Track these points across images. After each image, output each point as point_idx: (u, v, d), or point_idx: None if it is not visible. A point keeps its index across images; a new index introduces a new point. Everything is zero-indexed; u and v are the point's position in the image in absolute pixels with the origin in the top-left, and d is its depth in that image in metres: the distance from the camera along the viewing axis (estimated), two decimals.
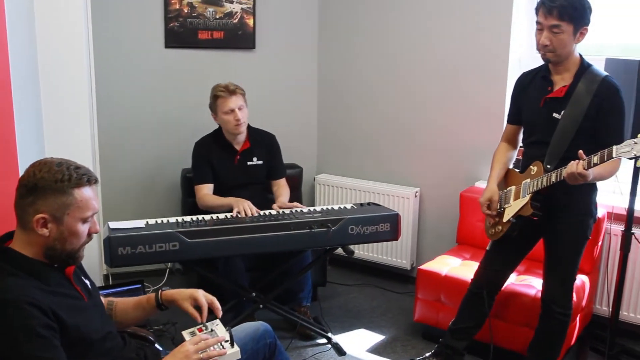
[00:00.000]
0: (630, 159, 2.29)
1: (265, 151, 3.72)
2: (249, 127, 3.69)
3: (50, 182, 1.73)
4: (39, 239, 1.76)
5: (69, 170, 1.76)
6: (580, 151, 2.41)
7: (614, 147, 2.30)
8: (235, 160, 3.65)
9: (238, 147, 3.65)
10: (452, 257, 3.62)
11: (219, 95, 3.54)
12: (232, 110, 3.52)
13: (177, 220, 3.14)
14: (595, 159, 2.36)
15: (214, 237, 3.01)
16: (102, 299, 2.11)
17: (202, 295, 2.06)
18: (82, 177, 1.78)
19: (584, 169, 2.38)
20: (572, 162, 2.42)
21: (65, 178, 1.74)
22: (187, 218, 3.18)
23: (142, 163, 4.26)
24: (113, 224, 3.00)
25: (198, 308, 2.04)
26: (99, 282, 3.48)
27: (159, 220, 3.12)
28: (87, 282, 1.99)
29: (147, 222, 3.09)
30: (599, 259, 3.50)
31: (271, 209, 3.39)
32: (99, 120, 3.62)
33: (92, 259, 3.34)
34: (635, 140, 2.26)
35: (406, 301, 4.01)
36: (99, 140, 3.64)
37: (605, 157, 2.32)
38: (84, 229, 1.81)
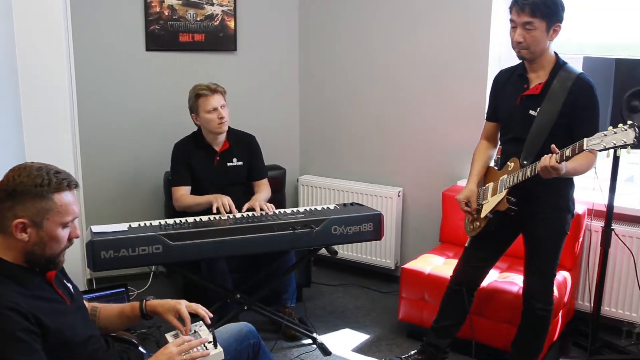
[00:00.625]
0: (600, 150, 2.33)
1: (245, 152, 3.71)
2: (228, 128, 3.67)
3: (30, 187, 1.72)
4: (18, 244, 1.75)
5: (48, 174, 1.75)
6: (553, 145, 2.44)
7: (585, 139, 2.34)
8: (215, 161, 3.64)
9: (217, 148, 3.65)
10: (436, 256, 3.64)
11: (200, 94, 3.53)
12: (215, 109, 3.51)
13: (160, 223, 3.14)
14: (567, 152, 2.39)
15: (197, 240, 3.01)
16: (86, 303, 2.11)
17: (184, 306, 2.07)
18: (62, 181, 1.77)
19: (557, 162, 2.41)
20: (545, 155, 2.45)
21: (44, 183, 1.73)
22: (170, 221, 3.17)
23: (125, 166, 4.25)
24: (95, 228, 2.98)
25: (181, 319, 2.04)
26: (82, 287, 3.47)
27: (142, 223, 3.11)
28: (70, 285, 1.99)
29: (129, 225, 3.08)
30: (580, 255, 3.54)
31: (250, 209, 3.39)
32: (81, 123, 3.62)
33: (75, 263, 3.33)
34: (605, 132, 2.30)
35: (390, 300, 4.02)
36: (81, 144, 3.63)
37: (577, 149, 2.36)
38: (64, 234, 1.80)
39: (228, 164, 3.66)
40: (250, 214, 3.32)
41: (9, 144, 2.83)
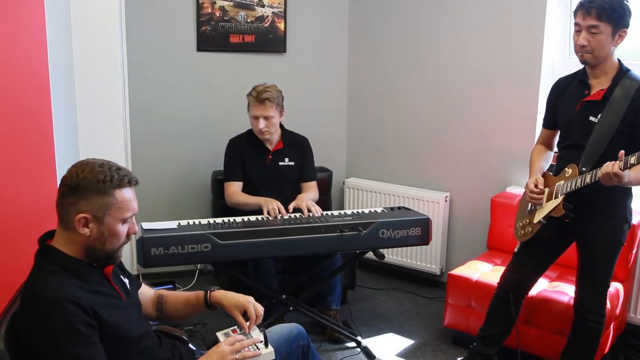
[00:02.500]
0: None
1: (298, 153, 3.74)
2: (283, 129, 3.72)
3: (93, 183, 1.75)
4: (79, 238, 1.78)
5: (110, 171, 1.79)
6: (622, 151, 2.38)
7: None
8: (268, 159, 3.67)
9: (271, 147, 3.68)
10: (483, 263, 3.60)
11: (249, 100, 3.58)
12: (257, 118, 3.54)
13: (208, 221, 3.16)
14: (632, 159, 2.32)
15: (245, 239, 3.03)
16: (152, 291, 2.16)
17: (252, 306, 2.08)
18: (124, 178, 1.80)
19: (620, 169, 2.35)
20: (608, 162, 2.39)
21: (107, 179, 1.77)
22: (219, 220, 3.19)
23: (174, 165, 4.31)
24: (146, 225, 3.03)
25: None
26: None
27: (191, 222, 3.14)
28: (126, 280, 2.02)
29: (179, 223, 3.11)
30: (633, 267, 3.45)
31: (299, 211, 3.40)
32: (132, 122, 3.67)
33: (125, 259, 3.34)
34: None
35: (435, 306, 3.99)
36: (132, 143, 3.68)
37: None
38: (123, 229, 1.83)
39: (280, 163, 3.68)
40: (298, 215, 3.32)
41: (64, 143, 2.89)
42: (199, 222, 3.16)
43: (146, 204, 4.02)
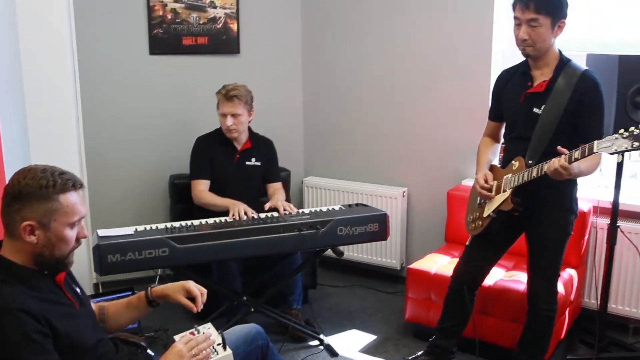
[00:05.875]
0: (612, 154, 2.31)
1: (264, 154, 3.77)
2: (250, 130, 3.75)
3: (35, 189, 1.73)
4: (27, 246, 1.76)
5: (53, 176, 1.76)
6: (559, 147, 2.44)
7: (595, 142, 2.33)
8: (235, 158, 3.68)
9: (239, 147, 3.69)
10: (441, 255, 3.64)
11: (218, 98, 3.60)
12: (225, 115, 3.55)
13: (166, 226, 3.14)
14: (576, 154, 2.38)
15: (203, 242, 3.02)
16: (93, 305, 2.11)
17: (193, 285, 2.09)
18: (67, 182, 1.78)
19: (566, 162, 2.41)
20: (553, 159, 2.44)
21: (50, 184, 1.74)
22: (177, 224, 3.18)
23: (130, 170, 4.26)
24: (102, 232, 2.99)
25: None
26: (89, 291, 3.48)
27: (148, 227, 3.12)
28: (78, 289, 2.00)
29: (136, 229, 3.08)
30: (586, 253, 3.54)
31: (263, 211, 3.41)
32: (85, 127, 3.62)
33: (82, 268, 3.34)
34: (616, 135, 2.29)
35: (397, 301, 4.02)
36: (85, 149, 3.64)
37: (587, 152, 2.35)
38: (72, 234, 1.81)
39: (247, 163, 3.70)
40: (256, 215, 3.32)
41: (15, 149, 2.84)
42: (157, 227, 3.14)
43: (102, 210, 4.01)
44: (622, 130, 2.29)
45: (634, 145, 2.25)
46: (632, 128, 2.27)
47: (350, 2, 4.31)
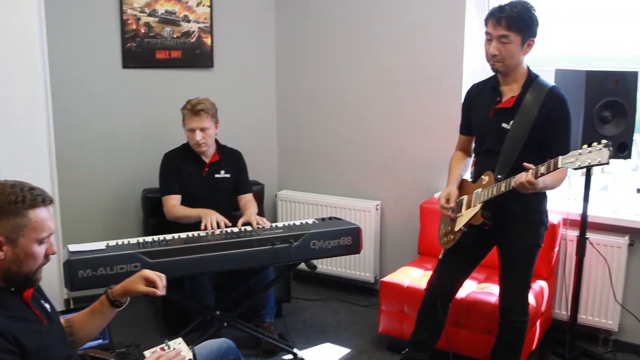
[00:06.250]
0: (575, 169, 2.36)
1: (233, 165, 3.76)
2: (218, 142, 3.74)
3: (4, 204, 1.71)
4: None
5: (22, 191, 1.75)
6: (525, 163, 2.48)
7: (560, 157, 2.37)
8: (204, 172, 3.67)
9: (207, 160, 3.68)
10: (414, 268, 3.67)
11: (184, 113, 3.58)
12: (193, 130, 3.54)
13: (138, 240, 3.12)
14: (542, 169, 2.43)
15: (175, 257, 3.00)
16: (62, 320, 2.09)
17: (150, 272, 2.08)
18: (37, 197, 1.77)
19: (533, 177, 2.45)
20: (520, 173, 2.48)
21: (19, 199, 1.73)
22: (149, 238, 3.16)
23: (102, 184, 4.22)
24: (73, 247, 2.97)
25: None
26: (60, 307, 3.43)
27: (120, 242, 3.10)
28: (47, 305, 1.97)
29: (107, 243, 3.06)
30: (556, 265, 3.59)
31: (235, 225, 3.40)
32: (57, 141, 3.58)
33: (52, 283, 3.30)
34: (580, 151, 2.33)
35: (370, 314, 4.02)
36: (57, 162, 3.59)
37: (552, 167, 2.40)
38: (40, 250, 1.79)
39: (216, 176, 3.69)
40: (228, 230, 3.31)
41: None
42: (128, 241, 3.12)
43: (74, 225, 3.97)
44: (585, 146, 2.33)
45: (597, 161, 2.29)
46: (594, 143, 2.31)
47: (324, 17, 4.34)
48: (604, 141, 2.30)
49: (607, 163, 2.29)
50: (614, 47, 3.64)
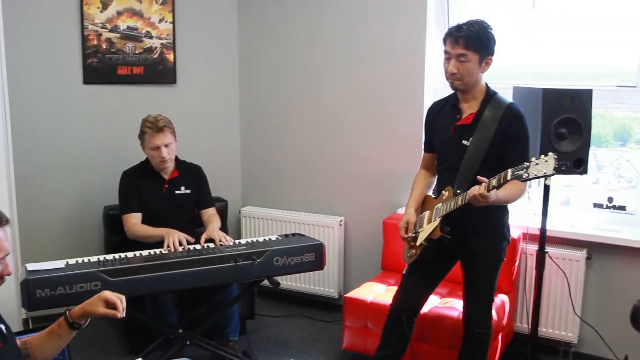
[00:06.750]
0: (523, 180, 2.41)
1: (193, 181, 3.72)
2: (176, 158, 3.70)
3: None
4: None
5: None
6: (479, 176, 2.53)
7: (509, 169, 2.43)
8: (164, 188, 3.63)
9: (166, 176, 3.65)
10: (378, 284, 3.68)
11: (145, 131, 3.53)
12: (158, 148, 3.51)
13: (98, 259, 3.08)
14: (493, 181, 2.48)
15: (136, 275, 2.97)
16: (18, 341, 2.04)
17: (110, 294, 2.04)
18: None
19: (486, 190, 2.49)
20: (474, 186, 2.53)
21: None
22: (110, 256, 3.12)
23: (63, 202, 4.15)
24: (31, 266, 2.91)
25: None
26: (17, 327, 3.36)
27: (80, 260, 3.05)
28: (2, 326, 1.93)
29: (67, 262, 3.01)
30: (517, 278, 3.64)
31: (198, 241, 3.37)
32: (16, 157, 3.53)
33: (10, 303, 3.23)
34: (528, 163, 2.39)
35: (335, 330, 4.02)
36: (16, 179, 3.53)
37: (502, 179, 2.45)
38: None
39: (176, 192, 3.65)
40: (191, 247, 3.29)
41: None
42: (89, 260, 3.07)
43: (33, 244, 3.91)
44: (533, 159, 2.39)
45: (542, 172, 2.35)
46: (542, 156, 2.37)
47: (287, 35, 4.37)
48: (550, 153, 2.36)
49: (553, 174, 2.35)
50: (570, 64, 3.73)
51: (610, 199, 3.57)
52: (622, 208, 3.57)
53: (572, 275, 3.49)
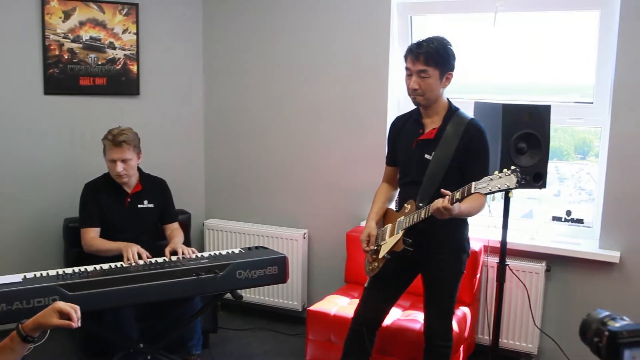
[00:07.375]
0: (486, 194, 2.46)
1: (157, 195, 3.68)
2: (140, 171, 3.66)
3: None
4: None
5: None
6: (442, 189, 2.56)
7: (473, 183, 2.47)
8: (126, 202, 3.58)
9: (129, 190, 3.60)
10: (341, 297, 3.69)
11: (105, 144, 3.49)
12: (114, 161, 3.47)
13: (57, 272, 3.02)
14: (457, 195, 2.51)
15: (96, 289, 2.91)
16: None
17: (63, 304, 1.99)
18: None
19: (449, 203, 2.52)
20: (437, 199, 2.56)
21: None
22: (69, 270, 3.06)
23: (21, 214, 4.08)
24: None
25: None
26: None
27: (38, 274, 3.00)
28: None
29: (24, 276, 2.95)
30: (478, 291, 3.68)
31: (161, 255, 3.34)
32: None
33: None
34: (491, 177, 2.44)
35: (298, 343, 4.01)
36: None
37: (466, 192, 2.49)
38: None
39: (139, 206, 3.61)
40: (153, 260, 3.26)
41: None
42: (47, 273, 3.02)
43: None
44: (496, 172, 2.44)
45: (505, 186, 2.40)
46: (504, 169, 2.42)
47: (253, 46, 4.37)
48: (512, 167, 2.42)
49: (515, 187, 2.40)
50: (530, 79, 3.81)
51: (568, 212, 3.64)
52: (580, 221, 3.65)
53: (532, 287, 3.54)
